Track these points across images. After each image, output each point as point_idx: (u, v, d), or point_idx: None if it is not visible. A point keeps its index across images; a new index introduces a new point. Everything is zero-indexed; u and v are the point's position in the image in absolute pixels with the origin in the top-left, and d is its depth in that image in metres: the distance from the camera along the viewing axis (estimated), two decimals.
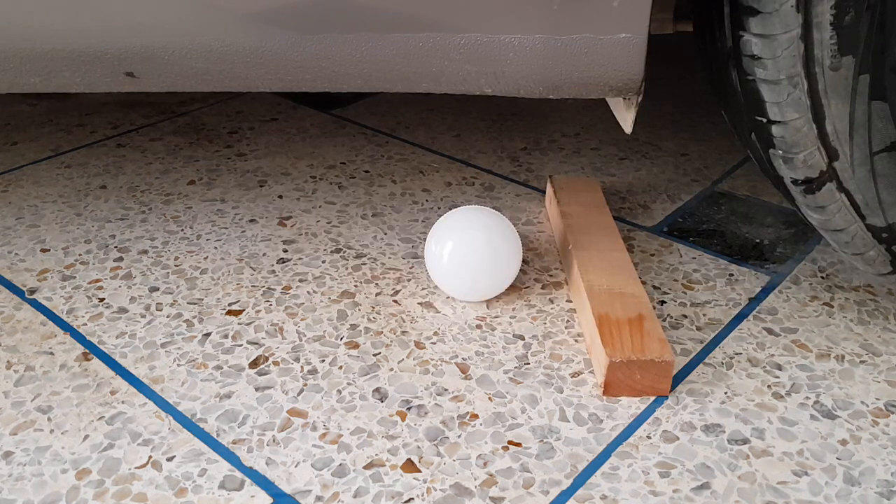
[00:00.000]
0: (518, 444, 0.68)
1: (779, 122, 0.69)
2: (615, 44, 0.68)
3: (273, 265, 0.92)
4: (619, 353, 0.72)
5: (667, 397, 0.73)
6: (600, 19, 0.66)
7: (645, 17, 0.66)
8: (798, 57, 0.66)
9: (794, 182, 0.73)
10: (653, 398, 0.73)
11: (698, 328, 0.83)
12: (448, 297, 0.86)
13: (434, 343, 0.80)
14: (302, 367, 0.77)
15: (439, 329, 0.82)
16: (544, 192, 1.08)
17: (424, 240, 0.97)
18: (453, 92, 0.74)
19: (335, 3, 0.67)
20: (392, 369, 0.76)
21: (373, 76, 0.72)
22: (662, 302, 0.86)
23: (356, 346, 0.79)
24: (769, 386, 0.75)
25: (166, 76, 0.72)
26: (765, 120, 0.70)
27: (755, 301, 0.87)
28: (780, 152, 0.72)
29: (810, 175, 0.71)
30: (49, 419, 0.70)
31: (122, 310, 0.84)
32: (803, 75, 0.66)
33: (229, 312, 0.84)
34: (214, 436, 0.69)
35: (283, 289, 0.88)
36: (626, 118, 0.80)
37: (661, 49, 1.62)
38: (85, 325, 0.82)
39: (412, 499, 0.63)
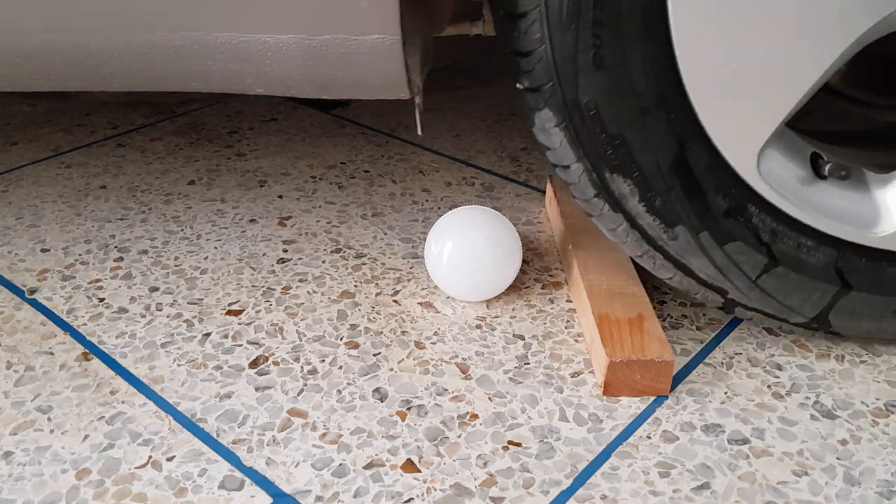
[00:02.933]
0: (518, 444, 0.68)
1: (666, 278, 0.76)
2: (369, 45, 0.67)
3: (273, 265, 0.92)
4: (619, 352, 0.72)
5: (667, 397, 0.73)
6: (350, 20, 0.66)
7: (394, 18, 0.66)
8: (640, 240, 0.73)
9: (717, 308, 0.79)
10: (653, 398, 0.73)
11: (698, 328, 0.83)
12: (448, 297, 0.86)
13: (434, 343, 0.80)
14: (302, 367, 0.77)
15: (439, 329, 0.82)
16: (544, 192, 1.08)
17: (424, 240, 0.97)
18: (226, 91, 0.75)
19: (93, 2, 0.66)
20: (392, 369, 0.76)
21: (139, 75, 0.72)
22: (662, 302, 0.86)
23: (356, 346, 0.79)
24: (769, 386, 0.75)
25: None
26: (659, 276, 0.77)
27: None
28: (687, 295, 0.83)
29: (719, 305, 0.78)
30: (49, 419, 0.70)
31: (122, 310, 0.84)
32: (653, 250, 0.74)
33: (229, 312, 0.84)
34: (214, 436, 0.69)
35: (283, 289, 0.88)
36: (415, 120, 0.81)
37: None
38: (85, 325, 0.82)
39: (412, 499, 0.63)
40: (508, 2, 0.65)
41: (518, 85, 0.70)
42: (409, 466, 0.66)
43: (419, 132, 0.76)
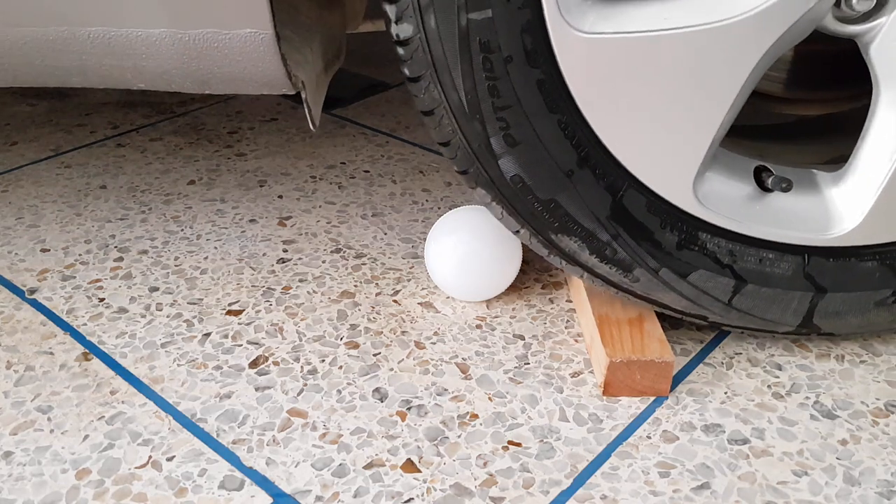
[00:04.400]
0: (518, 444, 0.68)
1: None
2: (242, 39, 0.67)
3: (273, 265, 0.92)
4: (619, 353, 0.72)
5: (667, 397, 0.73)
6: (220, 14, 0.66)
7: (264, 11, 0.65)
8: (606, 284, 0.74)
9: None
10: (653, 398, 0.73)
11: (698, 328, 0.83)
12: (448, 297, 0.86)
13: (434, 343, 0.80)
14: (302, 367, 0.77)
15: (439, 329, 0.82)
16: None
17: (424, 240, 0.97)
18: (107, 86, 0.74)
19: None
20: (392, 369, 0.76)
21: (18, 70, 0.71)
22: None
23: (356, 346, 0.79)
24: (769, 386, 0.75)
25: None
26: None
27: None
28: None
29: (705, 325, 0.75)
30: (49, 419, 0.70)
31: (122, 310, 0.84)
32: (622, 292, 0.75)
33: (229, 312, 0.84)
34: (214, 436, 0.69)
35: (283, 289, 0.88)
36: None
37: None
38: (85, 325, 0.82)
39: (412, 499, 0.63)
40: (417, 101, 0.68)
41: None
42: (409, 466, 0.66)
43: (312, 127, 0.75)
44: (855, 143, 0.71)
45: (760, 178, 0.72)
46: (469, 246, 0.81)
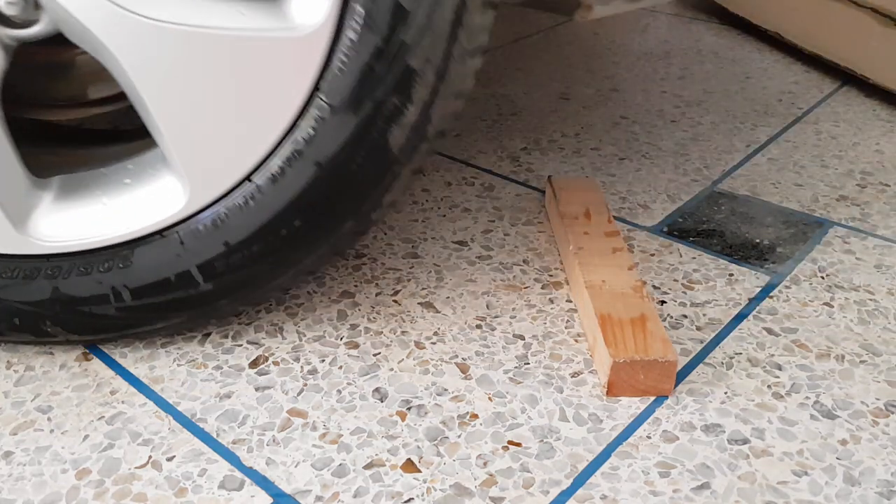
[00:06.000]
0: (518, 444, 0.68)
1: None
2: None
3: None
4: (622, 353, 0.72)
5: (667, 397, 0.73)
6: None
7: None
8: None
9: None
10: (653, 398, 0.73)
11: (698, 328, 0.83)
12: (448, 297, 0.86)
13: (434, 343, 0.80)
14: (302, 367, 0.77)
15: (439, 329, 0.82)
16: (544, 193, 1.08)
17: (425, 240, 0.97)
18: None
19: None
20: (392, 369, 0.76)
21: None
22: (662, 302, 0.87)
23: (356, 346, 0.79)
24: (769, 386, 0.75)
25: None
26: None
27: (755, 301, 0.87)
28: None
29: None
30: (49, 419, 0.70)
31: None
32: None
33: None
34: (214, 436, 0.69)
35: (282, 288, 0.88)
36: None
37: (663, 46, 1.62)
38: None
39: (412, 499, 0.63)
40: None
41: None
42: (409, 466, 0.66)
43: None
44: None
45: None
46: None
